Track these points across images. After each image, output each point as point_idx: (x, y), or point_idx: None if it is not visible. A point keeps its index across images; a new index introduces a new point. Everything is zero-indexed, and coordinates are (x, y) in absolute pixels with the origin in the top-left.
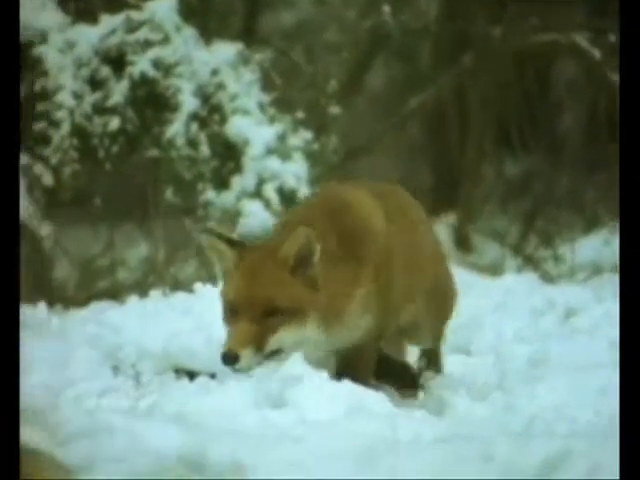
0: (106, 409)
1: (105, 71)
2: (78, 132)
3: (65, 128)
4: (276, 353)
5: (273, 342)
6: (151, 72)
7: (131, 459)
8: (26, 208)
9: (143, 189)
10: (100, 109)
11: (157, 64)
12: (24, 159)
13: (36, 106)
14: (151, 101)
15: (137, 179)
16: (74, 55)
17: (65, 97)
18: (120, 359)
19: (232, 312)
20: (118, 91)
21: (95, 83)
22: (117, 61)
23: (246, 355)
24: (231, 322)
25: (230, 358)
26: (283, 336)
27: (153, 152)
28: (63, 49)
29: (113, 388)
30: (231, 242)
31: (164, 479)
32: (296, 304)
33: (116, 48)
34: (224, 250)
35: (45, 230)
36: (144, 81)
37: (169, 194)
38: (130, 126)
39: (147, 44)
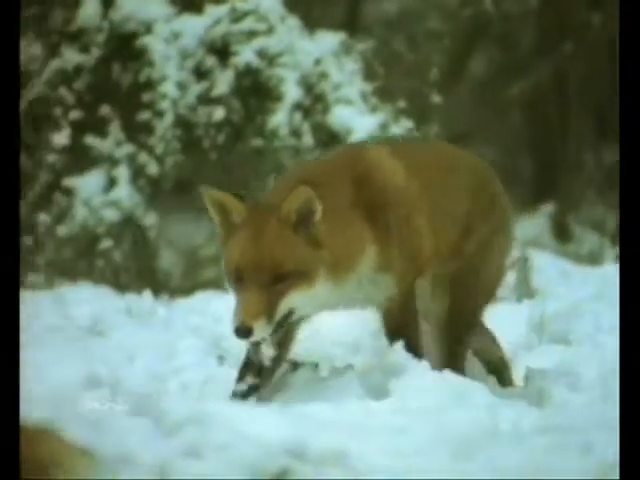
0: (211, 397)
1: (210, 61)
2: (182, 122)
3: (169, 118)
4: (288, 315)
5: (283, 307)
6: (255, 62)
7: (235, 447)
8: (130, 197)
9: (246, 179)
10: (205, 99)
11: (261, 54)
12: (128, 148)
13: (141, 96)
14: (255, 91)
15: (241, 169)
16: (179, 45)
17: (170, 87)
18: (225, 349)
19: (238, 278)
20: (223, 81)
21: (200, 73)
22: (222, 51)
23: (259, 326)
24: (239, 290)
25: (244, 332)
26: (293, 299)
27: (257, 142)
28: (168, 39)
29: (218, 377)
30: (239, 197)
31: (268, 467)
32: (302, 265)
33: (221, 38)
34: (233, 204)
35: (150, 219)
36: (248, 71)
37: (272, 184)
38: (234, 116)
39: (252, 34)
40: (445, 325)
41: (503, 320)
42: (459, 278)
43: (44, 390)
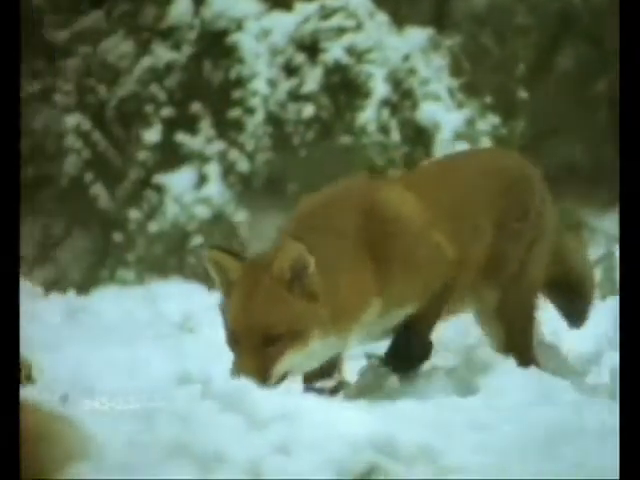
0: (300, 393)
1: (299, 58)
2: (272, 119)
3: (259, 115)
4: (287, 374)
5: (279, 369)
6: (344, 59)
7: (324, 444)
8: (221, 194)
9: (336, 175)
10: (294, 96)
11: (350, 51)
12: (219, 145)
13: (231, 93)
14: (344, 88)
15: (329, 166)
16: (269, 42)
17: (260, 84)
18: None
19: (233, 340)
20: (312, 78)
21: (289, 70)
22: (311, 48)
23: None
24: (234, 351)
25: None
26: (288, 360)
27: (345, 139)
28: (259, 37)
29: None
30: (236, 256)
31: (356, 464)
32: (296, 325)
33: (310, 35)
34: (228, 262)
35: (240, 216)
36: (337, 68)
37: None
38: (323, 113)
39: (341, 31)
40: (506, 350)
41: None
42: (505, 303)
43: (137, 386)
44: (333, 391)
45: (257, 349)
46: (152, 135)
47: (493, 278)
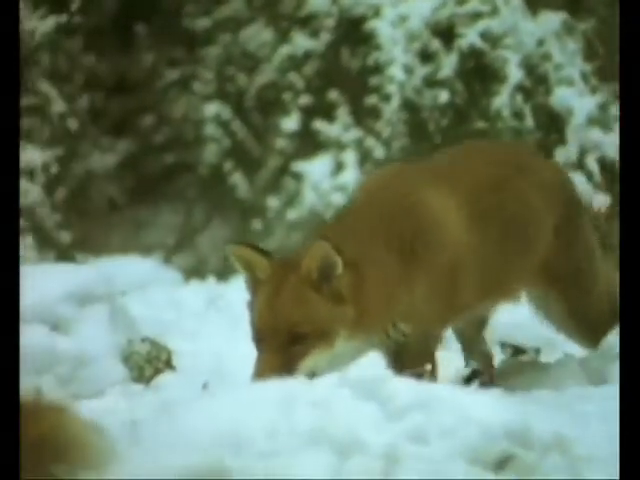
0: (435, 382)
1: (435, 44)
2: (408, 106)
3: (396, 102)
4: (311, 375)
5: (303, 369)
6: (479, 44)
7: (459, 432)
8: (358, 181)
9: None
10: (430, 82)
11: (485, 36)
12: (356, 132)
13: (368, 80)
14: (479, 73)
15: None
16: (406, 29)
17: (396, 71)
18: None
19: (258, 338)
20: (447, 64)
21: (425, 56)
22: (447, 34)
23: None
24: (258, 349)
25: None
26: (313, 361)
27: (480, 124)
28: (395, 23)
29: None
30: (263, 253)
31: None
32: (322, 326)
33: (446, 21)
34: (257, 260)
35: None
36: (473, 53)
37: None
38: (458, 99)
39: (476, 16)
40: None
41: None
42: (570, 283)
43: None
44: (468, 380)
45: (282, 347)
46: (290, 123)
47: (556, 287)
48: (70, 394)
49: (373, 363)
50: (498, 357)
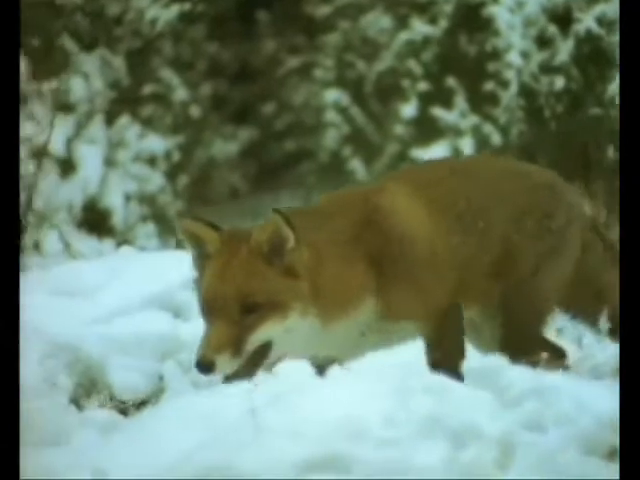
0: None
1: (552, 29)
2: (525, 92)
3: (513, 88)
4: (264, 351)
5: (254, 340)
6: (596, 29)
7: (574, 420)
8: None
9: (585, 148)
10: (546, 68)
11: (601, 21)
12: (473, 119)
13: (486, 66)
14: (595, 59)
15: (579, 138)
16: (523, 14)
17: (514, 57)
18: None
19: (207, 311)
20: (564, 49)
21: (542, 42)
22: (563, 19)
23: (222, 361)
24: (206, 322)
25: (204, 366)
26: (264, 332)
27: (595, 110)
28: (513, 8)
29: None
30: (212, 226)
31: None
32: (273, 296)
33: (563, 6)
34: (205, 233)
35: None
36: (589, 38)
37: (611, 152)
38: (574, 85)
39: (592, 1)
40: (502, 348)
41: None
42: (510, 301)
43: (392, 363)
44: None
45: (233, 318)
46: (408, 109)
47: (503, 274)
48: (191, 381)
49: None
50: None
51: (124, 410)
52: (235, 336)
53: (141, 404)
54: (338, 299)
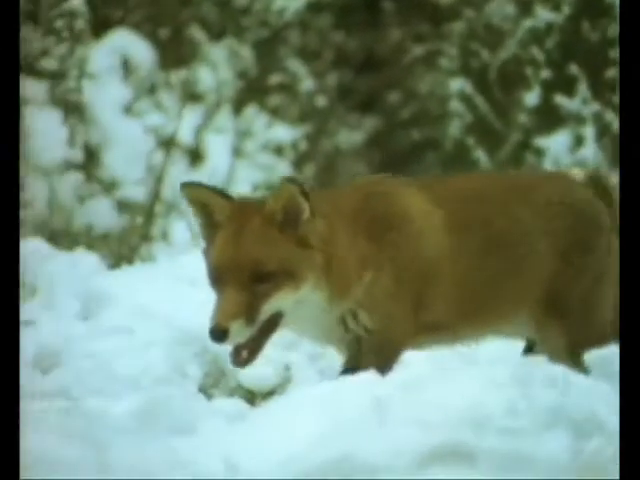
0: None
1: None
2: None
3: None
4: (275, 320)
5: (267, 309)
6: None
7: None
8: (595, 156)
9: None
10: None
11: None
12: (594, 106)
13: (608, 53)
14: None
15: None
16: None
17: None
18: None
19: (218, 278)
20: None
21: None
22: None
23: (236, 329)
24: (218, 290)
25: (218, 334)
26: (277, 301)
27: None
28: None
29: None
30: (221, 194)
31: None
32: (287, 265)
33: None
34: (215, 201)
35: (614, 179)
36: None
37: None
38: None
39: None
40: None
41: None
42: (574, 315)
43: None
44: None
45: (245, 286)
46: (532, 98)
47: (559, 317)
48: (318, 370)
49: None
50: None
51: (251, 400)
52: (248, 304)
53: (268, 394)
54: (345, 275)
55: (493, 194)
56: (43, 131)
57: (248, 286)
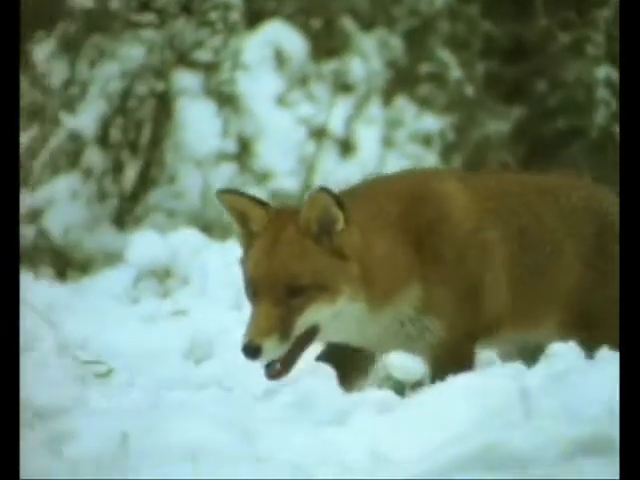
0: None
1: None
2: None
3: None
4: (311, 335)
5: (301, 324)
6: None
7: None
8: None
9: None
10: None
11: None
12: None
13: None
14: None
15: None
16: None
17: None
18: None
19: (253, 291)
20: None
21: None
22: None
23: (269, 346)
24: (253, 303)
25: (251, 351)
26: (312, 315)
27: None
28: None
29: None
30: (258, 202)
31: None
32: (321, 278)
33: None
34: (252, 210)
35: None
36: None
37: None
38: None
39: None
40: None
41: None
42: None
43: None
44: None
45: (280, 300)
46: None
47: (584, 325)
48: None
49: None
50: None
51: (400, 390)
52: (282, 319)
53: (416, 384)
54: (385, 284)
55: (522, 193)
56: (197, 122)
57: (283, 300)
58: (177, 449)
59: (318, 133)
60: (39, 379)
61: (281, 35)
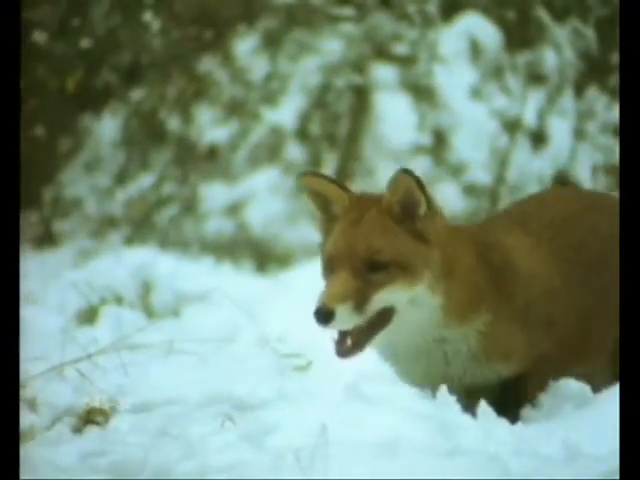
0: None
1: None
2: None
3: None
4: (386, 315)
5: (377, 300)
6: None
7: None
8: None
9: None
10: None
11: None
12: None
13: None
14: None
15: None
16: None
17: None
18: None
19: (331, 266)
20: None
21: None
22: None
23: (342, 312)
24: (329, 277)
25: (323, 315)
26: (389, 294)
27: None
28: None
29: None
30: (341, 186)
31: None
32: (403, 257)
33: None
34: (334, 193)
35: None
36: None
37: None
38: None
39: None
40: None
41: None
42: None
43: None
44: None
45: (357, 272)
46: None
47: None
48: None
49: None
50: None
51: None
52: (359, 290)
53: None
54: (463, 291)
55: (575, 215)
56: (393, 115)
57: (361, 273)
58: (374, 442)
59: (512, 126)
60: (240, 371)
61: (476, 27)
